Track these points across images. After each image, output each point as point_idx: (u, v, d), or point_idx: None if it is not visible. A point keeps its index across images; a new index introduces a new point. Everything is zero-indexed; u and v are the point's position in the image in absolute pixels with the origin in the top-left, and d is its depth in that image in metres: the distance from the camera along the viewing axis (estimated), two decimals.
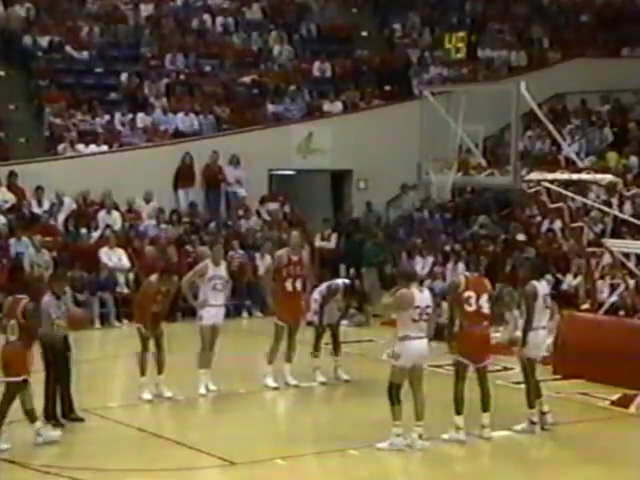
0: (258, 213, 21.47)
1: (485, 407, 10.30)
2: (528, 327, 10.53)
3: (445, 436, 10.15)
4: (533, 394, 10.59)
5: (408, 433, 9.81)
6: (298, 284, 12.70)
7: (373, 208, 22.50)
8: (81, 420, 10.63)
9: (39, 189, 19.61)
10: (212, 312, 12.23)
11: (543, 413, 10.67)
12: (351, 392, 12.61)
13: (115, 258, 18.47)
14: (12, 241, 18.29)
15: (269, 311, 13.88)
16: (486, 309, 10.33)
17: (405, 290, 9.81)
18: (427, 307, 9.81)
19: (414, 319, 9.68)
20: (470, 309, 10.26)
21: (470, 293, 10.27)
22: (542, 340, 10.75)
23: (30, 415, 9.81)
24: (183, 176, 21.19)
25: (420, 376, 9.88)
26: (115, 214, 19.73)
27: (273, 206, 21.71)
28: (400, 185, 22.48)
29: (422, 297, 9.81)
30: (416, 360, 9.77)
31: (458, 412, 10.12)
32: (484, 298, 10.31)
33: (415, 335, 9.70)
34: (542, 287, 10.78)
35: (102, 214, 19.65)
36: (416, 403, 9.84)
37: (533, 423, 10.55)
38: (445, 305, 16.43)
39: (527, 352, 10.54)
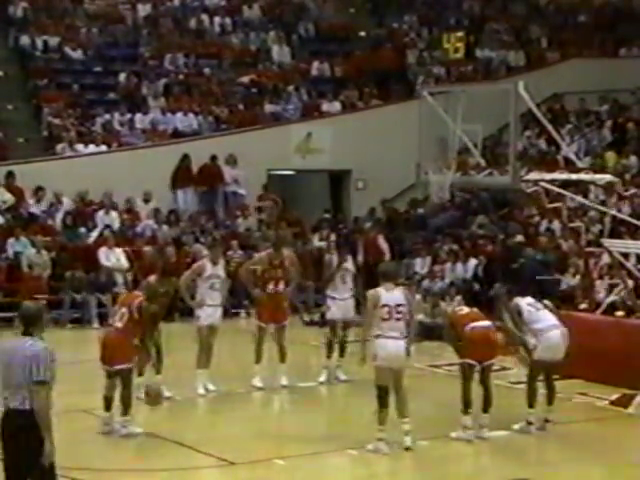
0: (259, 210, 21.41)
1: (485, 408, 10.29)
2: (522, 339, 10.63)
3: (453, 435, 10.16)
4: (532, 395, 10.57)
5: (398, 432, 9.78)
6: (280, 286, 12.75)
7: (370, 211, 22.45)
8: None
9: (39, 189, 19.61)
10: (209, 312, 12.22)
11: (546, 421, 10.65)
12: (350, 392, 12.61)
13: (113, 258, 18.46)
14: (10, 241, 18.29)
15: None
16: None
17: (372, 290, 9.88)
18: (398, 306, 9.73)
19: (383, 318, 9.67)
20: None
21: None
22: (557, 341, 10.57)
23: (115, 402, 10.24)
24: (181, 176, 21.18)
25: (399, 377, 9.80)
26: (113, 214, 19.73)
27: (264, 204, 21.56)
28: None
29: (390, 296, 9.76)
30: (391, 361, 9.67)
31: (466, 412, 10.12)
32: None
33: (387, 335, 9.65)
34: (527, 299, 10.87)
35: (100, 214, 19.65)
36: (397, 401, 9.80)
37: (530, 423, 10.53)
38: (443, 305, 16.49)
39: (537, 355, 10.53)
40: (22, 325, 6.78)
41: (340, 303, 13.00)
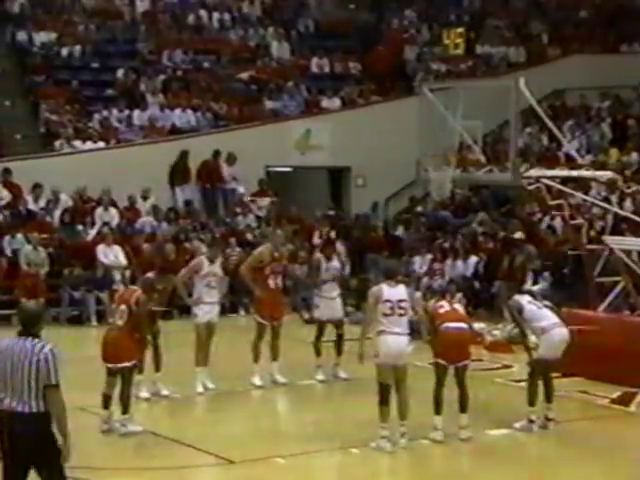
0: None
1: (463, 408, 10.10)
2: (525, 338, 10.62)
3: (430, 435, 9.96)
4: (533, 393, 10.49)
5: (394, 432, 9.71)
6: (279, 281, 12.76)
7: (373, 206, 22.37)
8: None
9: (36, 186, 19.51)
10: (206, 309, 12.15)
11: (548, 419, 10.56)
12: (350, 390, 12.52)
13: (112, 255, 18.36)
14: (7, 238, 18.19)
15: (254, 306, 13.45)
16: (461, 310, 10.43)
17: (374, 287, 9.88)
18: (400, 301, 9.68)
19: (385, 313, 9.61)
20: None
21: None
22: (559, 340, 10.51)
23: (106, 401, 10.23)
24: (179, 173, 21.09)
25: (402, 375, 9.73)
26: (112, 211, 19.64)
27: (263, 202, 21.50)
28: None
29: (392, 291, 9.71)
30: (395, 357, 9.61)
31: (437, 412, 9.98)
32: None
33: (389, 330, 9.59)
34: (526, 297, 10.83)
35: (99, 211, 19.56)
36: (399, 402, 9.73)
37: (531, 421, 10.46)
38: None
39: (538, 354, 10.46)
40: (22, 325, 6.61)
41: (328, 302, 12.93)
